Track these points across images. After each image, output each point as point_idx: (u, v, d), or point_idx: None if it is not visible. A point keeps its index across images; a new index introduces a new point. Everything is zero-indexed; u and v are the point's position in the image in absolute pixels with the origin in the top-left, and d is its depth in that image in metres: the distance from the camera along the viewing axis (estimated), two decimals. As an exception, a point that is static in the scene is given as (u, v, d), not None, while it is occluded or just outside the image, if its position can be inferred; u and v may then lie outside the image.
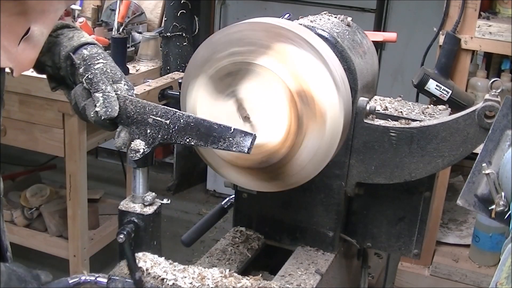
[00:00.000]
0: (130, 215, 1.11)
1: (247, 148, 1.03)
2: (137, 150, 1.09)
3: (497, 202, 1.01)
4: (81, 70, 1.13)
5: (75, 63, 1.14)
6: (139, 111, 1.10)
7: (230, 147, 1.04)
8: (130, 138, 1.11)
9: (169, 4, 3.14)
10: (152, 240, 1.13)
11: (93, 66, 1.12)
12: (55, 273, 1.08)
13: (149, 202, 1.13)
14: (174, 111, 1.08)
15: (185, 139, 1.06)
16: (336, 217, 1.48)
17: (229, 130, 1.04)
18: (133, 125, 1.11)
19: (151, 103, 1.11)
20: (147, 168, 1.13)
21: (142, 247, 1.12)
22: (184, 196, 3.95)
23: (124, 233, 1.08)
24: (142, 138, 1.10)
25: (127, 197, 1.16)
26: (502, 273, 0.89)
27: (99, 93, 1.10)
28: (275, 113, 1.17)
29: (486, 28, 2.42)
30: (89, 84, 1.11)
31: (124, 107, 1.11)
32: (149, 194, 1.14)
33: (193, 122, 1.06)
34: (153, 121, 1.09)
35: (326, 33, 1.33)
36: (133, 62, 2.78)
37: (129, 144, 1.11)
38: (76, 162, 2.40)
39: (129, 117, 1.11)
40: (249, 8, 3.81)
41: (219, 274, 1.12)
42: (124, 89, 1.13)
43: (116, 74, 1.14)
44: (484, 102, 1.26)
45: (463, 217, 3.01)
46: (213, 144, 1.05)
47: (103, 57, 1.15)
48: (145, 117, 1.09)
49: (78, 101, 1.14)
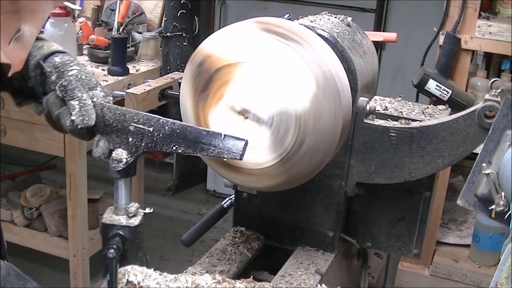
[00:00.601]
0: (116, 228, 1.07)
1: (239, 154, 1.00)
2: (119, 160, 1.05)
3: (497, 202, 1.01)
4: (53, 78, 1.08)
5: (45, 71, 1.09)
6: (118, 119, 1.06)
7: (221, 154, 1.01)
8: (111, 147, 1.06)
9: (169, 4, 3.14)
10: (138, 252, 1.10)
11: (66, 73, 1.08)
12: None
13: (133, 213, 1.08)
14: (158, 118, 1.04)
15: (171, 146, 1.03)
16: (336, 217, 1.48)
17: (219, 136, 1.01)
18: (112, 134, 1.06)
19: (131, 110, 1.07)
20: (130, 178, 1.08)
21: (129, 260, 1.08)
22: (184, 196, 3.95)
23: (114, 248, 1.04)
24: (124, 147, 1.05)
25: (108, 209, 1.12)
26: (502, 273, 0.89)
27: (75, 100, 1.05)
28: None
29: (486, 28, 2.42)
30: (63, 92, 1.07)
31: (101, 115, 1.07)
32: (132, 205, 1.09)
33: (179, 129, 1.02)
34: (135, 128, 1.04)
35: (326, 33, 1.33)
36: (133, 62, 2.78)
37: (108, 153, 1.06)
38: (76, 162, 2.40)
39: (107, 125, 1.07)
40: (249, 8, 3.80)
41: (212, 280, 1.10)
42: (101, 96, 1.09)
43: (91, 81, 1.10)
44: (484, 102, 1.26)
45: (463, 217, 3.01)
46: (203, 151, 1.02)
47: (76, 64, 1.11)
48: (125, 125, 1.05)
49: (51, 109, 1.10)
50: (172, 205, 3.74)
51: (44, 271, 2.97)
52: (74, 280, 2.60)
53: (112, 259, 1.04)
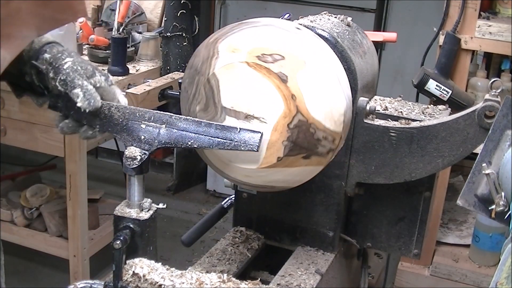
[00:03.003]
0: (126, 221, 1.09)
1: (256, 146, 1.03)
2: (133, 157, 1.06)
3: (497, 202, 1.01)
4: (51, 75, 1.09)
5: (41, 69, 1.10)
6: (128, 118, 1.08)
7: (238, 146, 1.04)
8: (123, 145, 1.08)
9: (169, 4, 3.14)
10: (148, 245, 1.11)
11: (62, 67, 1.08)
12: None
13: (147, 208, 1.10)
14: (170, 115, 1.06)
15: (186, 142, 1.05)
16: (336, 217, 1.48)
17: (235, 130, 1.04)
18: (123, 133, 1.08)
19: (141, 109, 1.08)
20: (143, 175, 1.10)
21: (138, 252, 1.10)
22: (184, 196, 3.95)
23: (120, 239, 1.06)
24: (136, 144, 1.07)
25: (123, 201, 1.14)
26: (502, 273, 0.89)
27: (77, 89, 1.06)
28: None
29: (486, 28, 2.42)
30: (64, 86, 1.07)
31: (109, 114, 1.09)
32: (145, 201, 1.11)
33: (193, 124, 1.05)
34: (146, 127, 1.06)
35: (326, 33, 1.33)
36: (133, 62, 2.78)
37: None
38: (76, 162, 2.40)
39: (117, 124, 1.08)
40: (249, 8, 3.81)
41: (217, 279, 1.10)
42: (103, 80, 1.10)
43: (87, 69, 1.10)
44: (484, 102, 1.26)
45: (463, 217, 3.01)
46: (219, 145, 1.04)
47: (68, 55, 1.11)
48: (136, 123, 1.07)
49: (75, 132, 1.12)
50: (172, 205, 3.74)
51: (44, 271, 2.96)
52: (74, 280, 2.59)
53: (118, 250, 1.06)
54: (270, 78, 1.10)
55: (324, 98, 1.13)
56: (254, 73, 1.11)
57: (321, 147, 1.15)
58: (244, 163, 1.15)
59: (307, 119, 1.11)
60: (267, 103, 1.11)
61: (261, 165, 1.14)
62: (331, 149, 1.18)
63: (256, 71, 1.11)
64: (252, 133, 1.04)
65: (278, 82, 1.10)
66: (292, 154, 1.13)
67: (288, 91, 1.10)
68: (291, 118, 1.10)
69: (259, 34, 1.16)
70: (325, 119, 1.13)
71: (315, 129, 1.12)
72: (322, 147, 1.15)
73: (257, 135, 1.04)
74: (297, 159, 1.15)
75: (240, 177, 1.20)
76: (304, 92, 1.11)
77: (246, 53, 1.12)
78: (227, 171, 1.20)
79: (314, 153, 1.16)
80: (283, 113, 1.10)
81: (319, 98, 1.13)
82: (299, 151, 1.13)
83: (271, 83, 1.10)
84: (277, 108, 1.10)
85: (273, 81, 1.10)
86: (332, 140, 1.16)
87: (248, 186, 1.26)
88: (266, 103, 1.11)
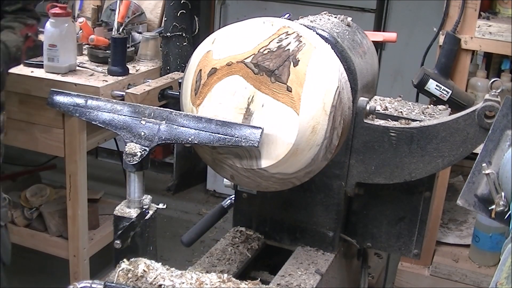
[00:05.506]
0: (126, 221, 1.09)
1: (257, 141, 1.03)
2: (133, 154, 1.06)
3: (497, 202, 1.02)
4: None
5: None
6: (127, 114, 1.08)
7: (239, 142, 1.04)
8: (124, 141, 1.08)
9: (169, 4, 3.13)
10: (148, 245, 1.12)
11: None
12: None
13: (147, 205, 1.10)
14: (170, 111, 1.06)
15: (187, 138, 1.05)
16: (336, 217, 1.48)
17: (236, 126, 1.04)
18: (123, 129, 1.08)
19: (141, 105, 1.08)
20: (143, 172, 1.10)
21: (138, 252, 1.11)
22: (184, 196, 3.95)
23: (121, 239, 1.07)
24: (137, 141, 1.07)
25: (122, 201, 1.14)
26: (502, 273, 0.89)
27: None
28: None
29: (486, 28, 2.42)
30: None
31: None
32: (145, 197, 1.11)
33: (194, 120, 1.05)
34: (146, 123, 1.06)
35: (326, 33, 1.33)
36: (133, 62, 2.77)
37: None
38: (76, 162, 2.40)
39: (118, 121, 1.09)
40: (249, 8, 3.81)
41: (217, 279, 1.11)
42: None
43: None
44: (484, 102, 1.26)
45: (463, 217, 3.01)
46: (220, 141, 1.04)
47: None
48: (136, 120, 1.07)
49: None
50: (172, 205, 3.74)
51: (44, 271, 2.96)
52: (74, 280, 2.59)
53: (118, 250, 1.07)
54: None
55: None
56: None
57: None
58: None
59: None
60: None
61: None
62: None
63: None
64: (252, 128, 1.04)
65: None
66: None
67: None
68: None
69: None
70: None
71: None
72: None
73: (257, 131, 1.04)
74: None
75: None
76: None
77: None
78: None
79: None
80: None
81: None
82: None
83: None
84: None
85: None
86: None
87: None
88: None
